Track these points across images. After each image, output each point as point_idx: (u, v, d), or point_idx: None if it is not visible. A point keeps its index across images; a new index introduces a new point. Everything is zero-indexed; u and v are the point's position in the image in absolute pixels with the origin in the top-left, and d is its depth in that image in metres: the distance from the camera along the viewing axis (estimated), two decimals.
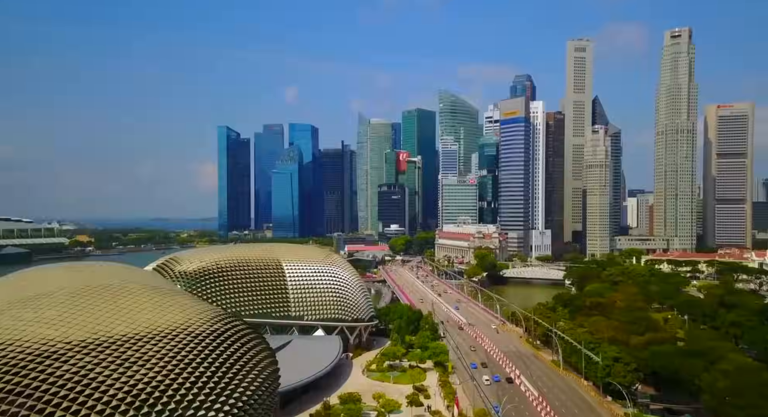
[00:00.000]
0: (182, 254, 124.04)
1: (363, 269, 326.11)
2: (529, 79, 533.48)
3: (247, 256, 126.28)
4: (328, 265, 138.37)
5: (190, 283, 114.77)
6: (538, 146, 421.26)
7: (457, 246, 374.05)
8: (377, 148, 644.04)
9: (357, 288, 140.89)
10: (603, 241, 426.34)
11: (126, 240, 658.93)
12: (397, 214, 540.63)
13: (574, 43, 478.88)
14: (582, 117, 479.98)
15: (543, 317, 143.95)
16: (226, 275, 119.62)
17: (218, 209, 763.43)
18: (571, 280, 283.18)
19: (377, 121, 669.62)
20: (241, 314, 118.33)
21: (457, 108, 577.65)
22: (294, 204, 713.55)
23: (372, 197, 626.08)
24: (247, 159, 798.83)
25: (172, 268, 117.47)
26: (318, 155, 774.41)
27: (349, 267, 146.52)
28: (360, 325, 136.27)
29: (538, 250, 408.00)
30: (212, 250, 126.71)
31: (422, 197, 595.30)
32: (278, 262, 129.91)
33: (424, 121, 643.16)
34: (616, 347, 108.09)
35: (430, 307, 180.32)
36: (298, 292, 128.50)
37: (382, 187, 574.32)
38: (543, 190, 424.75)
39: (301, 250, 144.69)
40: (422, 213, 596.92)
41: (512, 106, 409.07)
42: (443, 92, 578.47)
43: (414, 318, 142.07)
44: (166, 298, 71.99)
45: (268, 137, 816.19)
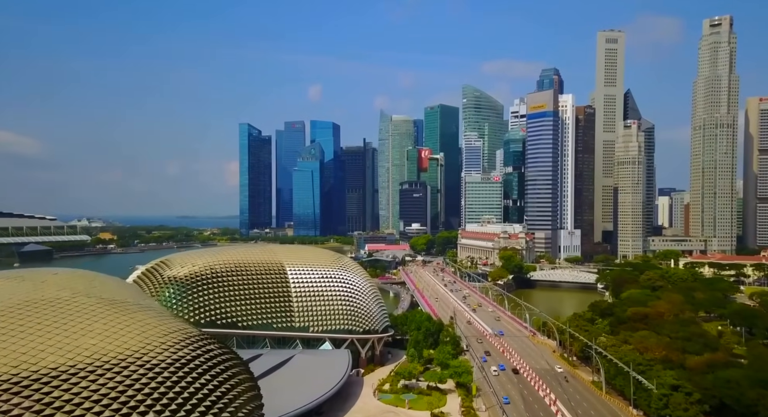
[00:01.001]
0: (174, 257, 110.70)
1: (382, 270, 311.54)
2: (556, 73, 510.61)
3: (246, 260, 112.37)
4: (338, 269, 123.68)
5: (179, 290, 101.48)
6: (567, 142, 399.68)
7: (481, 246, 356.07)
8: (399, 145, 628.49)
9: (370, 295, 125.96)
10: (635, 241, 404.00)
11: (148, 238, 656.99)
12: (419, 212, 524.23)
13: (605, 35, 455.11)
14: (613, 111, 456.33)
15: (580, 330, 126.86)
16: (221, 281, 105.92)
17: (239, 207, 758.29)
18: (604, 284, 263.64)
19: (399, 117, 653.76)
20: (237, 325, 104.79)
21: (481, 103, 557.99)
22: (315, 202, 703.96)
23: (393, 195, 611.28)
24: (268, 157, 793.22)
25: (161, 273, 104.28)
26: (339, 153, 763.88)
27: (361, 271, 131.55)
28: (373, 337, 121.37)
29: (566, 251, 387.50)
30: (208, 253, 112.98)
31: (444, 195, 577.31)
32: (281, 267, 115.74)
33: (447, 118, 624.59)
34: (673, 372, 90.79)
35: (452, 313, 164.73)
36: (303, 301, 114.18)
37: (403, 185, 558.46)
38: (572, 188, 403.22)
39: (307, 252, 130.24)
40: (444, 212, 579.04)
41: (540, 100, 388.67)
42: (467, 87, 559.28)
43: (434, 329, 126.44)
44: (125, 315, 58.09)
45: (290, 135, 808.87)
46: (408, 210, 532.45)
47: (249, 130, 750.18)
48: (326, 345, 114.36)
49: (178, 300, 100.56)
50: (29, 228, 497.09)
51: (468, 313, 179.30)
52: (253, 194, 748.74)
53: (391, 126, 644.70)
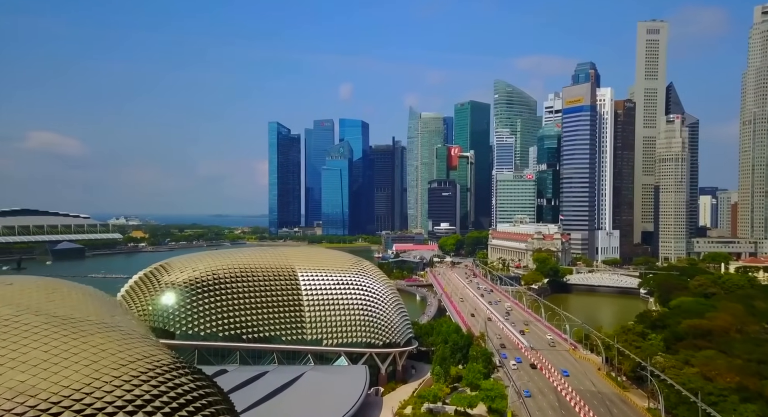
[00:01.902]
0: (175, 260, 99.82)
1: (409, 272, 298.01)
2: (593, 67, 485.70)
3: (253, 264, 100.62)
4: (356, 274, 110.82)
5: (177, 298, 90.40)
6: (605, 137, 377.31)
7: (514, 248, 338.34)
8: (428, 143, 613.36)
9: (391, 304, 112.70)
10: (678, 243, 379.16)
11: (179, 236, 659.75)
12: (448, 212, 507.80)
13: (646, 25, 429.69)
14: (654, 106, 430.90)
15: (630, 346, 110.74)
16: (224, 288, 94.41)
17: (269, 206, 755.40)
18: (648, 289, 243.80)
19: (428, 115, 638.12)
20: (241, 338, 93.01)
21: (513, 99, 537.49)
22: (343, 201, 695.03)
23: (422, 194, 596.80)
24: (297, 155, 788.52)
25: (158, 279, 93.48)
26: (368, 151, 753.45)
27: (381, 277, 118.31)
28: (394, 351, 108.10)
29: (604, 253, 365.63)
30: (212, 256, 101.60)
31: (474, 194, 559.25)
32: (292, 271, 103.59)
33: (477, 114, 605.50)
34: (754, 406, 74.65)
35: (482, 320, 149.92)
36: (315, 310, 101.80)
37: (432, 183, 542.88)
38: (610, 187, 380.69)
39: (322, 255, 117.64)
40: (474, 211, 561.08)
41: (576, 93, 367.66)
42: (498, 82, 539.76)
43: (462, 343, 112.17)
44: (78, 339, 46.39)
45: (319, 133, 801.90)
46: (437, 209, 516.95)
47: (278, 129, 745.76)
48: (341, 360, 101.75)
49: (176, 309, 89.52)
50: (63, 226, 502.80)
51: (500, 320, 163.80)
52: (282, 193, 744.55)
53: (420, 123, 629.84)
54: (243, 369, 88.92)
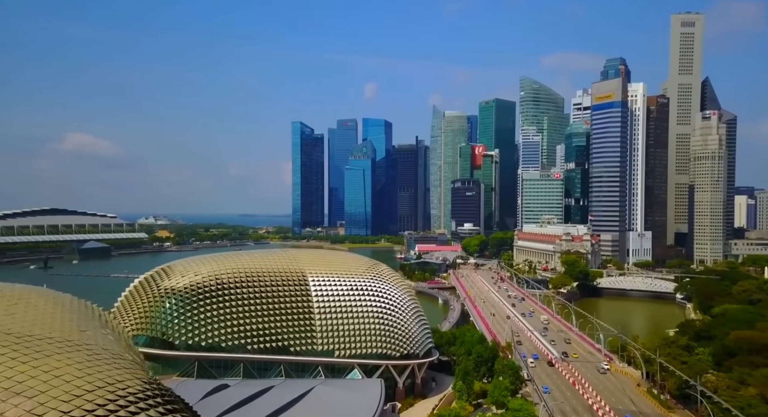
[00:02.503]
0: (178, 263, 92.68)
1: (431, 273, 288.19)
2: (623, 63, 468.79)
3: (260, 268, 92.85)
4: (371, 279, 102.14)
5: (177, 305, 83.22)
6: (637, 135, 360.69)
7: (540, 249, 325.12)
8: (451, 142, 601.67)
9: (410, 311, 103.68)
10: (714, 245, 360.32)
11: (203, 235, 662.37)
12: (472, 212, 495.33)
13: (681, 18, 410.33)
14: (689, 102, 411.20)
15: (675, 361, 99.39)
16: (227, 294, 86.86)
17: (292, 206, 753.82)
18: (685, 294, 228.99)
19: (452, 113, 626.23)
20: (246, 349, 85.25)
21: (540, 96, 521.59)
22: (366, 201, 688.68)
23: (445, 194, 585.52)
24: (321, 155, 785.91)
25: (157, 284, 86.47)
26: (391, 151, 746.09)
27: (398, 282, 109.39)
28: (412, 363, 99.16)
29: (635, 255, 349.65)
30: (217, 259, 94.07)
31: (499, 194, 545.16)
32: (302, 276, 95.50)
33: (502, 112, 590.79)
34: None
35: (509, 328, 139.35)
36: (327, 318, 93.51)
37: (455, 182, 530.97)
38: (642, 186, 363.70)
39: (335, 258, 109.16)
40: (499, 211, 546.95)
41: (606, 89, 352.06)
42: (524, 79, 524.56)
43: (487, 356, 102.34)
44: (28, 363, 38.92)
45: (342, 133, 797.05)
46: (460, 209, 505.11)
47: (302, 129, 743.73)
48: (355, 373, 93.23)
49: (175, 317, 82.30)
50: (91, 225, 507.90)
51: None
52: (306, 193, 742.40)
53: (443, 122, 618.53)
54: (246, 383, 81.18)
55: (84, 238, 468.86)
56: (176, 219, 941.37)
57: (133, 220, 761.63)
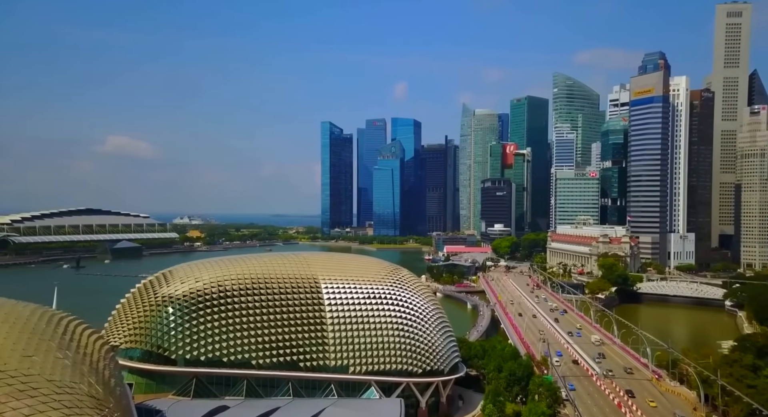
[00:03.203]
0: (179, 268, 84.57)
1: (459, 276, 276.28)
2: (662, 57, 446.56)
3: (268, 273, 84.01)
4: (391, 286, 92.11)
5: (176, 315, 75.02)
6: (679, 131, 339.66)
7: (575, 252, 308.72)
8: (482, 140, 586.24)
9: (434, 322, 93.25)
10: (764, 248, 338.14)
11: (233, 235, 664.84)
12: (502, 212, 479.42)
13: (726, 8, 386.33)
14: (735, 96, 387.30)
15: (739, 383, 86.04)
16: (230, 302, 78.26)
17: (321, 206, 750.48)
18: (735, 301, 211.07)
19: (482, 111, 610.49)
20: (251, 364, 76.42)
21: (574, 92, 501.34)
22: (395, 201, 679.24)
23: (475, 194, 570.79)
24: (350, 155, 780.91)
25: (155, 291, 78.54)
26: (420, 151, 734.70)
27: (421, 289, 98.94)
28: (436, 380, 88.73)
29: (677, 258, 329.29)
30: (221, 263, 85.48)
31: (531, 194, 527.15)
32: (314, 282, 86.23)
33: (535, 110, 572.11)
34: None
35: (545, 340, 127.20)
36: (341, 329, 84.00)
37: (485, 182, 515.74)
38: (684, 185, 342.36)
39: (352, 262, 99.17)
40: (531, 211, 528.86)
41: (646, 83, 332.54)
42: (558, 75, 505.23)
43: (521, 373, 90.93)
44: None
45: (371, 133, 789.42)
46: (490, 209, 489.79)
47: (331, 129, 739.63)
48: (371, 392, 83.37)
49: (172, 328, 74.15)
50: (124, 225, 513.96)
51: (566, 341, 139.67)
52: (335, 193, 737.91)
53: (473, 121, 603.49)
54: (249, 403, 72.47)
55: (117, 237, 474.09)
56: (210, 219, 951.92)
57: (169, 219, 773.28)
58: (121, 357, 72.34)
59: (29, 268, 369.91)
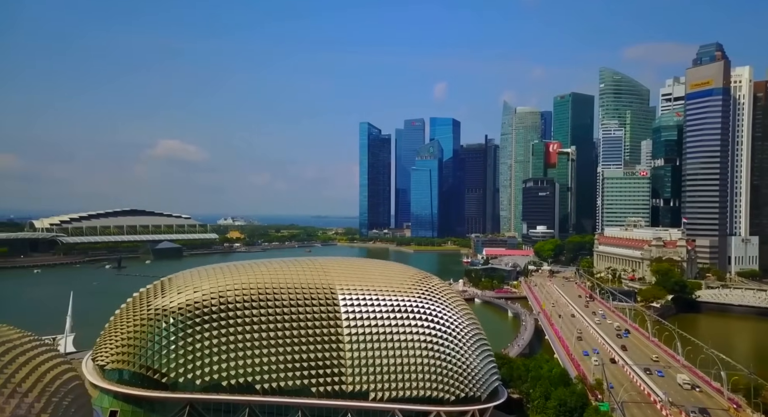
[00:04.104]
0: (180, 275, 74.72)
1: (499, 281, 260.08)
2: (719, 48, 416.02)
3: (277, 282, 73.14)
4: (420, 297, 79.66)
5: (170, 331, 65.05)
6: (741, 126, 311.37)
7: (625, 256, 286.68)
8: (523, 139, 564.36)
9: (470, 340, 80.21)
10: None
11: (272, 237, 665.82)
12: (545, 213, 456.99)
13: None
14: None
15: None
16: (232, 316, 67.75)
17: (359, 207, 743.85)
18: None
19: (524, 109, 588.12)
20: (254, 388, 65.52)
21: (622, 88, 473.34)
22: (433, 202, 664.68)
23: (516, 194, 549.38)
24: (388, 156, 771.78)
25: (148, 302, 68.89)
26: (459, 151, 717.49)
27: (456, 301, 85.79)
28: (473, 409, 75.61)
29: (738, 263, 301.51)
30: (224, 271, 74.91)
31: (575, 194, 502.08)
32: (331, 293, 74.79)
33: (579, 107, 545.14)
34: None
35: (599, 359, 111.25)
36: (361, 349, 72.19)
37: (527, 182, 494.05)
38: (747, 184, 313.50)
39: (375, 269, 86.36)
40: (575, 213, 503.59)
41: (704, 75, 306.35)
42: (605, 70, 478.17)
43: (573, 403, 76.57)
44: None
45: (409, 133, 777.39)
46: (532, 210, 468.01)
47: (369, 130, 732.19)
48: None
49: (164, 346, 64.16)
50: (166, 226, 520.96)
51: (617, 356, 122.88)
52: (372, 194, 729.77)
53: (515, 119, 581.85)
54: None
55: (158, 238, 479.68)
56: (253, 220, 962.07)
57: (214, 221, 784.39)
58: (106, 379, 63.12)
59: (74, 267, 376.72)
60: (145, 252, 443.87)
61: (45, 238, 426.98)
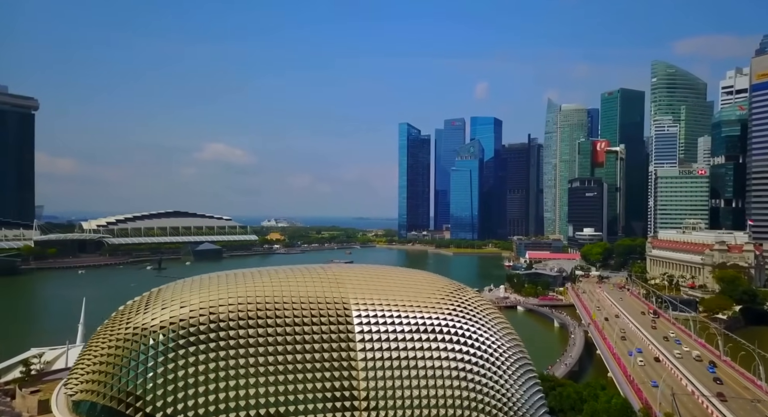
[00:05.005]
0: (168, 287, 63.86)
1: (544, 287, 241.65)
2: None
3: (280, 295, 61.35)
4: (452, 314, 66.09)
5: (148, 355, 54.27)
6: None
7: (683, 261, 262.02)
8: (568, 138, 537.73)
9: (512, 365, 66.12)
10: None
11: (312, 238, 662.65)
12: (592, 215, 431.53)
13: None
14: None
15: None
16: (224, 338, 56.37)
17: (398, 209, 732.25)
18: None
19: (569, 106, 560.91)
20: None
21: (676, 81, 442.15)
22: (473, 203, 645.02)
23: (561, 195, 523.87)
24: (427, 157, 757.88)
25: (128, 320, 58.40)
26: (501, 150, 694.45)
27: (494, 318, 71.41)
28: None
29: None
30: (219, 282, 63.00)
31: (625, 195, 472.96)
32: (343, 309, 62.38)
33: (628, 103, 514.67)
34: None
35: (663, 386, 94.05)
36: (378, 377, 59.43)
37: (573, 182, 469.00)
38: None
39: (398, 279, 71.84)
40: (624, 214, 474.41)
41: None
42: (657, 63, 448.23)
43: None
44: None
45: (449, 133, 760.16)
46: (578, 212, 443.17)
47: (408, 130, 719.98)
48: None
49: (141, 373, 53.41)
50: (207, 227, 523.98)
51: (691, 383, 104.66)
52: (411, 196, 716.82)
53: (559, 116, 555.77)
54: None
55: (199, 239, 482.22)
56: (295, 222, 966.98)
57: (258, 222, 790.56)
58: (74, 413, 53.14)
59: (117, 268, 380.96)
60: (186, 253, 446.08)
61: (92, 240, 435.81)
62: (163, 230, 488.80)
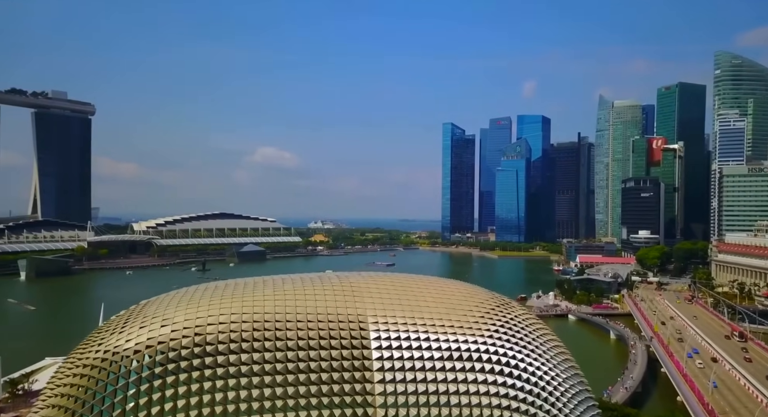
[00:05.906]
0: (153, 302, 53.52)
1: (597, 294, 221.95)
2: None
3: (281, 312, 50.23)
4: (494, 336, 53.17)
5: (119, 386, 44.38)
6: None
7: (756, 267, 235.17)
8: (622, 135, 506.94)
9: (570, 401, 52.65)
10: None
11: (356, 240, 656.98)
12: (648, 216, 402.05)
13: None
14: None
15: None
16: (211, 364, 45.81)
17: (441, 211, 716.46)
18: None
19: (622, 102, 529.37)
20: None
21: (742, 73, 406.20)
22: (519, 204, 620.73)
23: (613, 196, 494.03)
24: (471, 157, 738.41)
25: (101, 341, 48.76)
26: (549, 150, 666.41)
27: (546, 339, 57.56)
28: None
29: None
30: (213, 296, 52.12)
31: (684, 195, 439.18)
32: (359, 329, 50.61)
33: (688, 98, 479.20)
34: None
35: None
36: (402, 415, 47.48)
37: (627, 182, 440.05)
38: None
39: (428, 291, 57.77)
40: (683, 216, 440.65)
41: None
42: (721, 54, 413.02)
43: None
44: None
45: (495, 133, 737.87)
46: (633, 213, 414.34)
47: (452, 130, 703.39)
48: None
49: (108, 408, 43.56)
50: (252, 229, 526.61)
51: None
52: (455, 197, 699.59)
53: (612, 113, 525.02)
54: None
55: (244, 241, 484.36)
56: (341, 223, 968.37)
57: (304, 224, 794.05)
58: None
59: (164, 269, 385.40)
60: (230, 255, 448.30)
61: (142, 241, 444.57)
62: (210, 232, 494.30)
